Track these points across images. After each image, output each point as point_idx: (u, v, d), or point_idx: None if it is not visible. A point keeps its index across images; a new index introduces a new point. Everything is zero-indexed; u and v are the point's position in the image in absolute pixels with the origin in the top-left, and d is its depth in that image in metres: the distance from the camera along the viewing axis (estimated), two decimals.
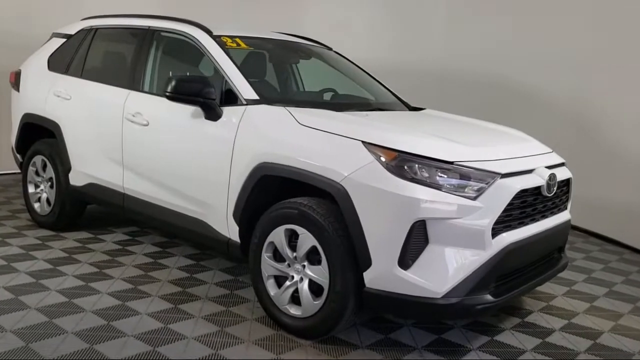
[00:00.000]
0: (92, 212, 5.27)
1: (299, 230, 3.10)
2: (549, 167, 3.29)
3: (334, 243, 2.95)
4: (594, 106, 5.71)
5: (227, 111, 3.52)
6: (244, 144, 3.37)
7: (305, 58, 4.56)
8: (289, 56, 4.61)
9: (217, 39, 3.88)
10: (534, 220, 3.16)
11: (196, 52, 3.97)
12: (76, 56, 4.80)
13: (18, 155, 5.21)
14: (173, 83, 3.49)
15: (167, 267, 4.19)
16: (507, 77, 6.42)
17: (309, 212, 3.04)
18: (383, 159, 2.86)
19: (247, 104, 3.48)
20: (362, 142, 2.94)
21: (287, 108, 3.37)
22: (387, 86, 4.66)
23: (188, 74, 4.27)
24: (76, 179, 4.57)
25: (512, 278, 3.09)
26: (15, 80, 5.21)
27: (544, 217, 3.25)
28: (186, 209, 3.76)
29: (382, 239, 2.82)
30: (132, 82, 4.18)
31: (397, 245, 2.78)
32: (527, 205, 3.07)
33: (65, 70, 4.81)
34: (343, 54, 4.86)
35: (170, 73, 4.20)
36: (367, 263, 2.86)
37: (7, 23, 6.80)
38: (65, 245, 4.54)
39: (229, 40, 3.94)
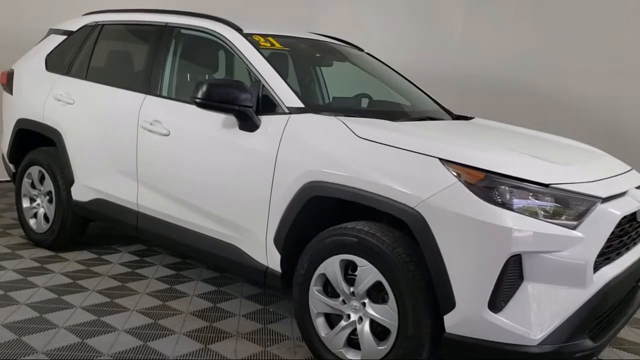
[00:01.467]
0: (93, 227, 4.74)
1: (359, 261, 2.64)
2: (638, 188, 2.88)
3: (406, 279, 2.50)
4: (631, 114, 5.34)
5: (266, 121, 3.06)
6: (288, 159, 2.91)
7: (340, 60, 4.10)
8: (322, 58, 4.14)
9: (249, 37, 3.41)
10: (628, 249, 2.74)
11: (224, 53, 3.50)
12: (79, 55, 4.29)
13: (10, 165, 4.67)
14: (204, 88, 3.01)
15: (186, 294, 3.70)
16: (533, 83, 6.04)
17: (372, 241, 2.59)
18: (467, 180, 2.42)
19: (290, 113, 3.01)
20: (440, 159, 2.49)
21: (339, 118, 2.91)
22: (425, 91, 4.22)
23: (214, 77, 3.79)
24: (80, 193, 4.06)
25: (607, 317, 2.67)
26: (7, 82, 4.68)
27: (635, 244, 2.83)
28: (215, 232, 3.28)
29: (469, 276, 2.37)
30: (148, 86, 3.68)
31: (488, 284, 2.33)
32: (624, 233, 2.65)
33: (67, 71, 4.29)
34: (375, 56, 4.42)
35: (189, 76, 3.73)
36: (450, 304, 2.41)
37: None
38: (67, 269, 4.02)
39: (262, 39, 3.47)
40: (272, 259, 3.03)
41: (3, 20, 6.22)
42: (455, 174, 2.43)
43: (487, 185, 2.40)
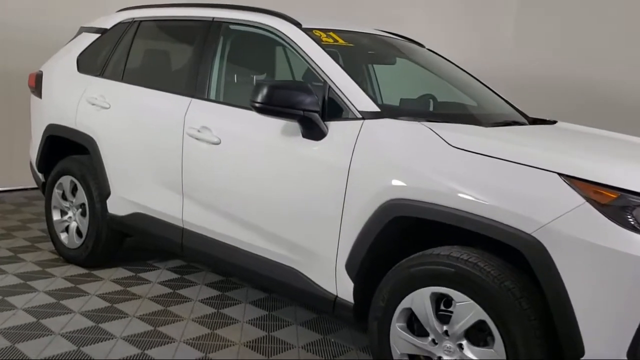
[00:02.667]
0: (127, 240, 4.37)
1: (456, 296, 2.23)
2: None
3: (517, 319, 2.08)
4: None
5: (335, 127, 2.66)
6: (364, 172, 2.50)
7: (402, 57, 3.68)
8: (385, 54, 3.72)
9: (310, 33, 3.02)
10: None
11: (280, 51, 3.11)
12: (114, 55, 3.92)
13: (39, 175, 4.32)
14: (265, 91, 2.62)
15: (236, 320, 3.31)
16: (597, 81, 5.56)
17: (474, 272, 2.17)
18: (597, 200, 1.99)
19: (363, 118, 2.61)
20: (561, 175, 2.07)
21: (424, 123, 2.50)
22: (495, 91, 3.78)
23: (271, 78, 3.39)
24: (117, 206, 3.69)
25: None
26: (36, 85, 4.33)
27: None
28: (272, 253, 2.89)
29: (602, 318, 1.95)
30: (194, 88, 3.29)
31: (628, 329, 1.91)
32: None
33: (101, 73, 3.93)
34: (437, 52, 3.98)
35: (241, 78, 3.34)
36: (576, 352, 1.99)
37: (19, 15, 5.87)
38: (103, 289, 3.65)
39: (323, 35, 3.07)
40: (342, 287, 2.63)
41: (30, 19, 5.87)
42: (582, 193, 2.01)
43: (622, 206, 1.97)
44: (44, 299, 3.46)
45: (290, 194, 2.77)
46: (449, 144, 2.33)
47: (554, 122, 3.39)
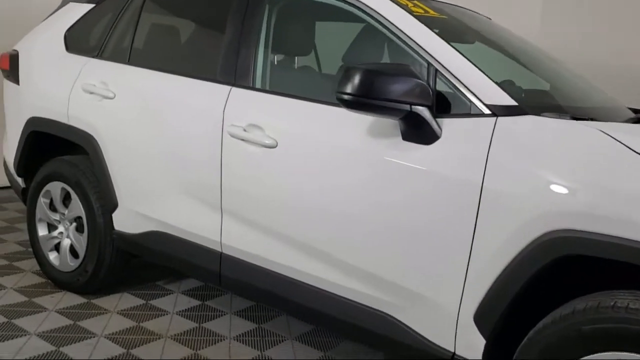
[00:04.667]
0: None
1: None
2: None
3: None
4: None
5: (451, 127, 1.97)
6: (508, 191, 1.82)
7: (484, 35, 2.96)
8: (468, 31, 3.00)
9: (398, 2, 2.30)
10: None
11: (352, 25, 2.39)
12: (116, 30, 3.12)
13: (17, 179, 3.51)
14: (359, 78, 1.90)
15: None
16: None
17: None
18: None
19: (495, 115, 1.92)
20: None
21: (587, 123, 1.84)
22: (586, 77, 3.12)
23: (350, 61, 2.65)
24: (126, 222, 2.93)
25: None
26: (11, 67, 3.49)
27: None
28: (353, 292, 2.20)
29: None
30: (234, 73, 2.54)
31: None
32: None
33: (99, 53, 3.13)
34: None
35: (298, 61, 2.60)
36: None
37: None
38: (111, 327, 2.90)
39: (409, 3, 2.36)
40: (465, 344, 1.96)
41: None
42: None
43: None
44: (38, 345, 2.69)
45: (383, 215, 2.07)
46: (636, 152, 1.67)
47: None
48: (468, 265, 1.90)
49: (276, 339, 2.90)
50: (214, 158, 2.51)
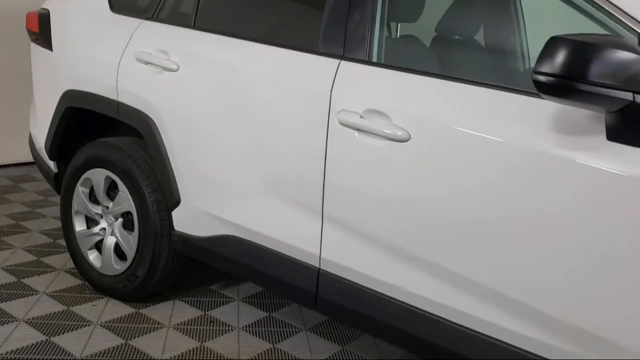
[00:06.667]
0: None
1: None
2: None
3: None
4: None
5: None
6: None
7: None
8: None
9: None
10: None
11: None
12: None
13: (49, 163, 2.98)
14: (570, 53, 1.38)
15: None
16: None
17: None
18: None
19: None
20: None
21: None
22: None
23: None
24: (191, 222, 2.42)
25: None
26: (41, 30, 2.94)
27: None
28: (518, 337, 1.69)
29: None
30: (343, 43, 1.99)
31: None
32: None
33: (154, 14, 2.58)
34: None
35: (435, 28, 2.06)
36: None
37: None
38: (172, 350, 2.40)
39: None
40: None
41: None
42: None
43: None
44: None
45: (573, 240, 1.56)
46: None
47: None
48: None
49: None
50: (315, 151, 1.98)
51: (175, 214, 2.45)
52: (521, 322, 1.67)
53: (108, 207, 2.70)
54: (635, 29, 1.54)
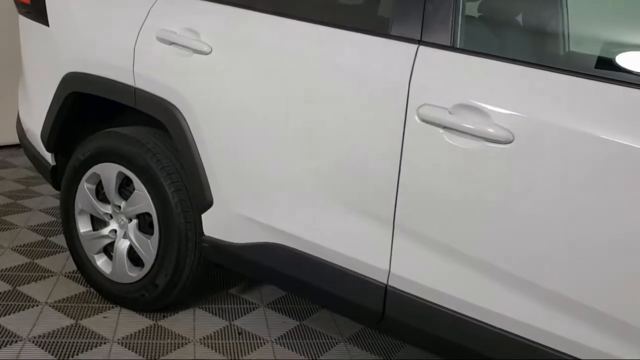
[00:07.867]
0: None
1: None
2: None
3: None
4: None
5: None
6: None
7: None
8: None
9: None
10: None
11: None
12: None
13: (46, 155, 2.62)
14: None
15: None
16: None
17: None
18: None
19: None
20: None
21: None
22: None
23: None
24: (225, 227, 2.12)
25: None
26: (33, 1, 2.56)
27: None
28: None
29: None
30: (420, 25, 1.71)
31: None
32: None
33: None
34: None
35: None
36: None
37: None
38: None
39: None
40: None
41: None
42: None
43: None
44: None
45: None
46: None
47: None
48: None
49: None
50: (388, 151, 1.71)
51: (206, 217, 2.15)
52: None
53: (120, 207, 2.37)
54: None
